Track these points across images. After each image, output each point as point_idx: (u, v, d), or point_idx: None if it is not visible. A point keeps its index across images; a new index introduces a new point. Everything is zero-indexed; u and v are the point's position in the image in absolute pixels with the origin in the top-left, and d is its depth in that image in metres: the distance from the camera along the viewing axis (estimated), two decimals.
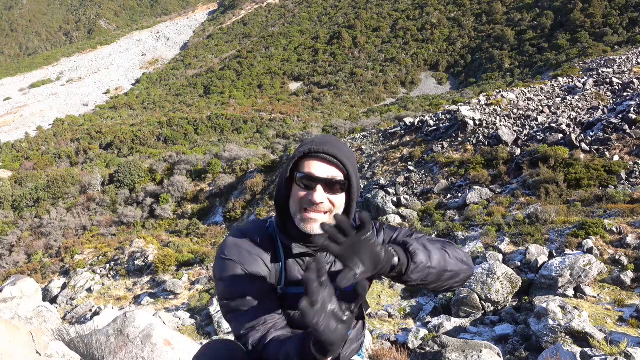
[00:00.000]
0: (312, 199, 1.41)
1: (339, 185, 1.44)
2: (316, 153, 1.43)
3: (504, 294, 7.31)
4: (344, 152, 1.45)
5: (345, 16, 70.23)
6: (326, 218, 1.45)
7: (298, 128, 41.46)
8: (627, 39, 37.32)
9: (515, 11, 52.90)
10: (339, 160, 1.42)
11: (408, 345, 6.18)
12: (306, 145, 1.45)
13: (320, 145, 1.43)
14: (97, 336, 2.82)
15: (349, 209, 1.49)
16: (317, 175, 1.42)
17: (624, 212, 9.42)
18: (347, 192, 1.48)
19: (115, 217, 24.68)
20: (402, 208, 14.32)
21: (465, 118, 16.86)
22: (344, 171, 1.44)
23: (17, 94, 74.39)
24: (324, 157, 1.42)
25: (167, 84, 69.96)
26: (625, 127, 13.22)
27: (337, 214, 1.31)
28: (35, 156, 41.72)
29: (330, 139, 1.49)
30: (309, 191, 1.43)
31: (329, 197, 1.43)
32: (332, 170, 1.43)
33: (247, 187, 22.47)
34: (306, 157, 1.45)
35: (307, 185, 1.43)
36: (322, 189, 1.42)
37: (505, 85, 32.01)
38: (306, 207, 1.44)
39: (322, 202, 1.41)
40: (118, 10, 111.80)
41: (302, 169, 1.44)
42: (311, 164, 1.43)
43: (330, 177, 1.42)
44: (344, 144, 1.52)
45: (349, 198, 1.48)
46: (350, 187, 1.46)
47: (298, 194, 1.45)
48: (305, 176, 1.43)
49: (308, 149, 1.44)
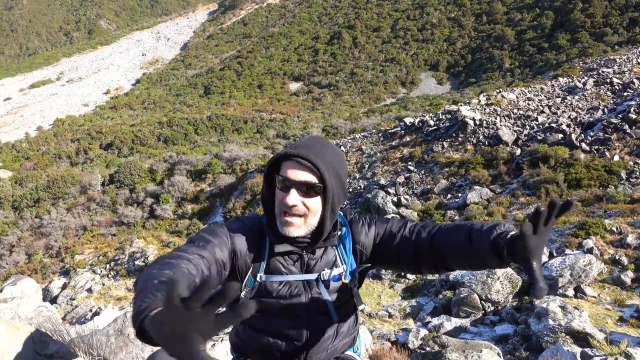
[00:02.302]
0: (286, 202, 1.44)
1: (313, 189, 1.45)
2: (292, 156, 1.45)
3: (504, 294, 7.31)
4: (322, 156, 1.45)
5: (346, 16, 70.22)
6: (302, 221, 1.47)
7: (298, 128, 41.46)
8: (627, 39, 37.29)
9: (515, 11, 52.89)
10: (312, 164, 1.42)
11: (408, 345, 6.18)
12: (287, 147, 1.49)
13: (297, 148, 1.45)
14: (98, 336, 2.83)
15: (325, 212, 1.49)
16: (291, 178, 1.44)
17: (624, 212, 9.42)
18: (323, 196, 1.48)
19: (116, 217, 24.69)
20: (402, 208, 14.33)
21: (465, 118, 16.86)
22: (317, 175, 1.44)
23: (17, 94, 74.40)
24: (299, 160, 1.44)
25: (167, 84, 69.96)
26: (625, 127, 13.21)
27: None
28: (36, 156, 41.72)
29: (313, 141, 1.50)
30: (285, 193, 1.45)
31: (304, 200, 1.45)
32: (306, 174, 1.44)
33: (247, 187, 22.47)
34: (285, 160, 1.47)
35: (284, 187, 1.46)
36: (295, 192, 1.44)
37: (505, 85, 32.00)
38: (283, 209, 1.47)
39: (295, 205, 1.44)
40: (118, 11, 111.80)
41: (280, 172, 1.47)
42: (287, 168, 1.45)
43: (303, 181, 1.43)
44: (330, 146, 1.53)
45: (325, 201, 1.48)
46: (325, 190, 1.46)
47: (278, 197, 1.49)
48: (282, 178, 1.46)
49: (285, 152, 1.46)
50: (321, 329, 1.61)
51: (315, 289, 1.57)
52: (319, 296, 1.57)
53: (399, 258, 1.61)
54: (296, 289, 1.56)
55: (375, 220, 1.68)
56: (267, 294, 1.56)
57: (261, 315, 1.58)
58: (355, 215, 1.70)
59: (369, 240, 1.64)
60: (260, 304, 1.57)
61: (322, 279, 1.57)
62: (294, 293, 1.56)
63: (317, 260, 1.58)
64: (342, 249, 1.61)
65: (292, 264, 1.56)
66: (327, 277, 1.57)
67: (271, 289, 1.55)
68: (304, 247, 1.55)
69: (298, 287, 1.56)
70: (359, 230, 1.64)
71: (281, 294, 1.55)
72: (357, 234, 1.64)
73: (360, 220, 1.68)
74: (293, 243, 1.53)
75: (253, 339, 1.64)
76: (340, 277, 1.59)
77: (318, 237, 1.53)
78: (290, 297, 1.56)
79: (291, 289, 1.56)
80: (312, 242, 1.54)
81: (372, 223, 1.67)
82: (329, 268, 1.59)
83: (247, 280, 1.57)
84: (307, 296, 1.57)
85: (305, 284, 1.57)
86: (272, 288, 1.55)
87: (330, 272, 1.58)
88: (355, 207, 15.95)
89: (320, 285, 1.57)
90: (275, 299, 1.56)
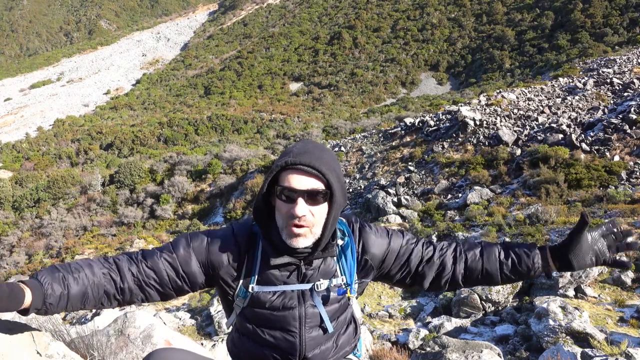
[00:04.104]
0: (294, 213, 1.38)
1: (320, 195, 1.40)
2: (293, 165, 1.38)
3: (505, 294, 7.31)
4: (324, 160, 1.40)
5: (346, 16, 70.22)
6: (308, 231, 1.42)
7: (298, 128, 41.46)
8: (628, 39, 37.29)
9: (515, 11, 52.89)
10: (317, 170, 1.38)
11: (408, 346, 6.18)
12: (284, 157, 1.41)
13: (297, 156, 1.39)
14: (98, 336, 2.83)
15: (329, 218, 1.45)
16: (297, 188, 1.37)
17: (624, 213, 9.42)
18: (329, 202, 1.44)
19: (116, 218, 24.70)
20: (402, 208, 14.32)
21: (465, 118, 16.86)
22: (324, 180, 1.39)
23: (17, 95, 74.44)
24: (302, 168, 1.38)
25: (167, 84, 69.98)
26: (625, 127, 13.21)
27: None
28: (36, 156, 41.75)
29: (309, 147, 1.44)
30: (291, 204, 1.39)
31: (310, 209, 1.40)
32: (312, 181, 1.38)
33: (247, 187, 22.47)
34: (285, 170, 1.40)
35: (289, 197, 1.40)
36: (303, 201, 1.38)
37: (505, 86, 32.00)
38: (290, 221, 1.41)
39: (304, 215, 1.38)
40: (118, 11, 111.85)
41: (282, 182, 1.40)
42: (290, 177, 1.38)
43: (311, 189, 1.38)
44: (325, 149, 1.48)
45: (330, 207, 1.44)
46: (332, 196, 1.42)
47: (282, 208, 1.42)
48: (285, 189, 1.39)
49: (284, 162, 1.38)
50: (316, 341, 1.56)
51: (310, 300, 1.52)
52: (313, 309, 1.52)
53: (403, 275, 1.59)
54: (290, 301, 1.51)
55: (391, 234, 1.61)
56: (260, 304, 1.51)
57: (254, 326, 1.55)
58: (364, 224, 1.63)
59: (380, 252, 1.58)
60: (253, 315, 1.53)
61: (316, 290, 1.51)
62: (287, 305, 1.51)
63: (314, 271, 1.52)
64: (344, 260, 1.56)
65: (287, 275, 1.51)
66: (322, 287, 1.52)
67: (264, 300, 1.50)
68: (303, 258, 1.48)
69: (292, 299, 1.51)
70: (370, 240, 1.58)
71: (275, 305, 1.50)
72: (367, 244, 1.58)
73: (373, 229, 1.61)
74: (292, 254, 1.47)
75: (247, 349, 1.60)
76: (346, 292, 1.54)
77: (318, 246, 1.47)
78: (284, 309, 1.51)
79: (285, 300, 1.50)
80: (312, 251, 1.47)
81: (388, 236, 1.61)
82: (326, 279, 1.53)
83: (239, 290, 1.53)
84: (301, 308, 1.52)
85: (300, 295, 1.51)
86: (266, 299, 1.50)
87: (328, 282, 1.52)
88: (355, 208, 15.95)
89: (315, 296, 1.52)
90: (268, 310, 1.51)
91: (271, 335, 1.54)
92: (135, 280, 1.46)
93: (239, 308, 1.55)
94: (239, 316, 1.57)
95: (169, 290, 1.51)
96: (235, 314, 1.58)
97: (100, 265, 1.45)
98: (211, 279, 1.54)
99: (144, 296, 1.48)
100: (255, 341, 1.57)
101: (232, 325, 1.66)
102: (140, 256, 1.50)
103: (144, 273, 1.46)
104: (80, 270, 1.40)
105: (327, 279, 1.53)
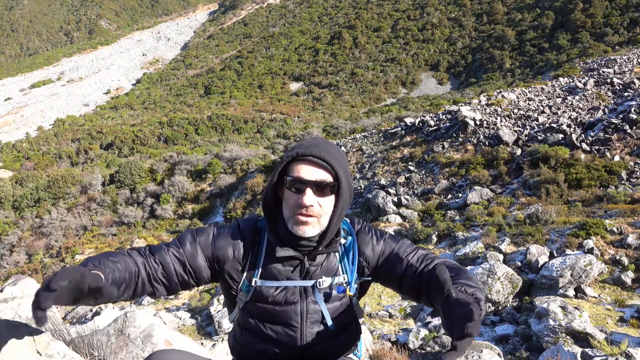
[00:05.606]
0: (302, 202, 1.43)
1: (328, 187, 1.45)
2: (304, 156, 1.44)
3: (505, 294, 7.30)
4: (333, 154, 1.46)
5: (346, 16, 70.20)
6: (315, 221, 1.46)
7: (298, 128, 41.46)
8: (628, 39, 37.26)
9: (515, 11, 52.86)
10: (327, 162, 1.43)
11: (409, 346, 6.17)
12: (294, 149, 1.47)
13: (308, 148, 1.45)
14: (98, 336, 2.83)
15: (335, 211, 1.48)
16: (306, 178, 1.43)
17: (624, 212, 9.41)
18: (336, 194, 1.48)
19: (116, 217, 24.71)
20: (402, 208, 14.32)
21: (465, 118, 16.85)
22: (332, 173, 1.44)
23: (17, 94, 74.45)
24: (312, 159, 1.43)
25: (167, 84, 69.97)
26: (626, 127, 13.21)
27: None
28: (36, 156, 41.77)
29: (319, 141, 1.50)
30: (299, 194, 1.44)
31: (318, 200, 1.44)
32: (321, 172, 1.44)
33: (247, 187, 22.48)
34: (294, 161, 1.46)
35: (297, 188, 1.44)
36: (311, 192, 1.43)
37: (505, 86, 32.00)
38: (298, 210, 1.45)
39: (312, 205, 1.43)
40: (119, 11, 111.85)
41: (292, 173, 1.45)
42: (300, 168, 1.44)
43: (319, 180, 1.43)
44: (333, 145, 1.53)
45: (337, 200, 1.48)
46: (339, 188, 1.46)
47: (290, 199, 1.47)
48: (295, 180, 1.44)
49: (296, 153, 1.45)
50: (317, 338, 1.58)
51: (311, 297, 1.55)
52: (315, 305, 1.55)
53: (401, 283, 1.59)
54: (292, 296, 1.54)
55: (386, 237, 1.65)
56: (263, 299, 1.54)
57: (257, 320, 1.57)
58: (364, 225, 1.67)
59: (374, 255, 1.61)
60: (256, 309, 1.56)
61: (318, 287, 1.54)
62: (289, 300, 1.54)
63: (317, 267, 1.55)
64: (346, 259, 1.59)
65: (291, 270, 1.54)
66: (325, 285, 1.55)
67: (267, 294, 1.53)
68: (307, 252, 1.52)
69: (294, 294, 1.54)
70: (366, 242, 1.62)
71: (277, 299, 1.53)
72: (364, 246, 1.61)
73: (369, 232, 1.65)
74: (297, 247, 1.51)
75: (249, 344, 1.62)
76: (345, 290, 1.57)
77: (322, 240, 1.51)
78: (286, 304, 1.54)
79: (287, 295, 1.54)
80: (316, 245, 1.51)
81: (382, 239, 1.64)
82: (329, 276, 1.56)
83: (242, 284, 1.56)
84: (302, 304, 1.54)
85: (302, 291, 1.54)
86: (268, 293, 1.53)
87: (331, 280, 1.55)
88: (355, 207, 15.95)
89: (317, 292, 1.55)
90: (270, 305, 1.54)
91: (273, 330, 1.56)
92: (146, 274, 1.48)
93: (242, 302, 1.57)
94: (242, 311, 1.60)
95: (175, 285, 1.54)
96: (238, 308, 1.61)
97: (125, 257, 1.46)
98: (216, 274, 1.58)
99: (152, 290, 1.50)
100: (257, 336, 1.59)
101: (234, 321, 1.69)
102: (148, 251, 1.52)
103: (153, 267, 1.49)
104: (117, 261, 1.41)
105: (329, 277, 1.56)
